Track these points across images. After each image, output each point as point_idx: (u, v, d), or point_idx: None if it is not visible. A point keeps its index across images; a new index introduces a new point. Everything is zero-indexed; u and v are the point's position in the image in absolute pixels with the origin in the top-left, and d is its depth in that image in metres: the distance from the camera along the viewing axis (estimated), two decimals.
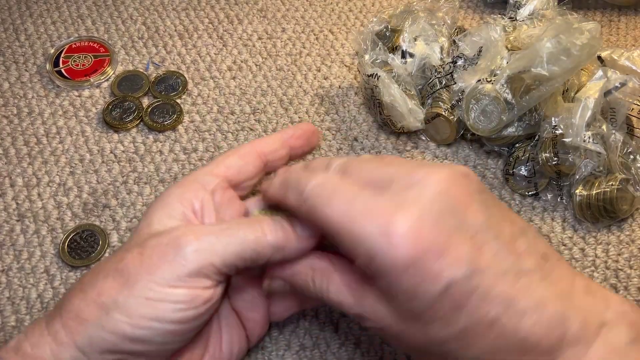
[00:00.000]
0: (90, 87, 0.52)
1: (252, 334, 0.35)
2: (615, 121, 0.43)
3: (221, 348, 0.33)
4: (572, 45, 0.40)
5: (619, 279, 0.41)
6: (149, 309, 0.28)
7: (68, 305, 0.29)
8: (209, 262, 0.29)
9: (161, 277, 0.28)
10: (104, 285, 0.29)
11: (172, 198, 0.32)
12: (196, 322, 0.30)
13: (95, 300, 0.28)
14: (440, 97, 0.46)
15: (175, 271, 0.28)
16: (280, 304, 0.35)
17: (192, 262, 0.28)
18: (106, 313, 0.28)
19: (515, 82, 0.42)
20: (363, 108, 0.51)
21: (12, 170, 0.46)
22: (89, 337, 0.28)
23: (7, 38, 0.56)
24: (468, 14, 0.60)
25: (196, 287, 0.29)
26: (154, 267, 0.28)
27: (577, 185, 0.42)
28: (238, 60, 0.55)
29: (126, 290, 0.28)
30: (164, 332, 0.28)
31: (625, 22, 0.59)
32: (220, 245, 0.29)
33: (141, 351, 0.29)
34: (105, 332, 0.28)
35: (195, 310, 0.29)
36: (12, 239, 0.43)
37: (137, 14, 0.59)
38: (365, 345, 0.37)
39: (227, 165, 0.34)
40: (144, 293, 0.28)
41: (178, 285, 0.28)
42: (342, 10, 0.60)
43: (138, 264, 0.29)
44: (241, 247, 0.30)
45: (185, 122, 0.50)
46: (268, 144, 0.35)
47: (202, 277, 0.29)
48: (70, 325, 0.28)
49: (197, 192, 0.32)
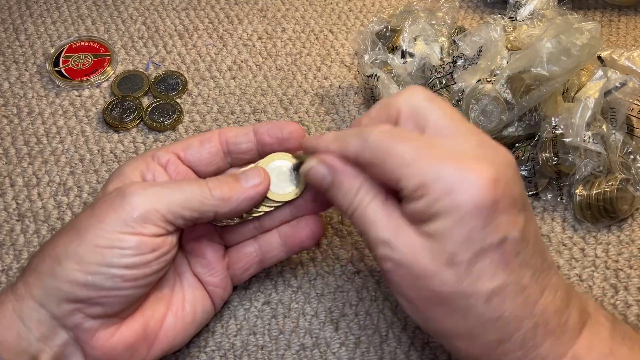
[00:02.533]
0: (90, 87, 0.52)
1: (215, 297, 0.36)
2: (615, 121, 0.43)
3: (184, 307, 0.35)
4: (572, 45, 0.40)
5: (619, 279, 0.41)
6: (98, 255, 0.29)
7: (28, 265, 0.31)
8: (153, 208, 0.30)
9: (109, 224, 0.30)
10: (58, 240, 0.31)
11: (126, 169, 0.34)
12: (145, 270, 0.31)
13: (50, 253, 0.30)
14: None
15: (121, 216, 0.30)
16: (238, 266, 0.36)
17: (137, 207, 0.30)
18: (59, 263, 0.29)
19: (515, 82, 0.42)
20: (363, 108, 0.51)
21: (12, 170, 0.46)
22: (44, 288, 0.30)
23: (7, 38, 0.56)
24: (468, 14, 0.60)
25: (143, 234, 0.30)
26: (102, 215, 0.30)
27: (577, 185, 0.42)
28: (238, 60, 0.55)
29: (77, 240, 0.30)
30: (113, 276, 0.29)
31: (625, 22, 0.59)
32: (165, 193, 0.31)
33: (94, 298, 0.30)
34: (59, 281, 0.29)
35: (143, 257, 0.30)
36: (12, 239, 0.43)
37: (137, 13, 0.59)
38: (365, 345, 0.38)
39: (185, 145, 0.36)
40: (94, 241, 0.29)
41: (125, 231, 0.30)
42: (342, 10, 0.60)
43: (89, 216, 0.31)
44: (184, 196, 0.31)
45: (186, 122, 0.50)
46: (234, 134, 0.36)
47: (148, 223, 0.30)
48: (28, 281, 0.30)
49: (150, 164, 0.34)
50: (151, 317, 0.33)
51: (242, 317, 0.39)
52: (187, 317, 0.35)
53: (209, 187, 0.32)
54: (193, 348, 0.37)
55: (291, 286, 0.40)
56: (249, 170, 0.34)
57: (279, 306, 0.39)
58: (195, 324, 0.35)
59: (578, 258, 0.42)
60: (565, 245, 0.42)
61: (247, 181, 0.33)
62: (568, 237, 0.43)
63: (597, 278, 0.41)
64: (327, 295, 0.40)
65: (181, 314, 0.34)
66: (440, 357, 0.37)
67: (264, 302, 0.39)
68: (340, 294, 0.40)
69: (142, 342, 0.32)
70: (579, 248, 0.42)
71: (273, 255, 0.37)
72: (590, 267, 0.41)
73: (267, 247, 0.36)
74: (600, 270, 0.41)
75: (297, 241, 0.36)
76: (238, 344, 0.38)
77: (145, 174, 0.34)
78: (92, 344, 0.30)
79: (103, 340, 0.31)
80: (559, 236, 0.43)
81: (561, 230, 0.43)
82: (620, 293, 0.40)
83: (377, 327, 0.38)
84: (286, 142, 0.36)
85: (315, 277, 0.41)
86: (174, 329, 0.34)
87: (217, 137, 0.36)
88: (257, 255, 0.36)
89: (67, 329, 0.30)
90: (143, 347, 0.33)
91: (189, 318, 0.35)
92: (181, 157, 0.36)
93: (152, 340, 0.33)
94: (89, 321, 0.30)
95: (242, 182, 0.33)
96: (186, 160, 0.36)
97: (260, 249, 0.36)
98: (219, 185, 0.33)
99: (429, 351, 0.37)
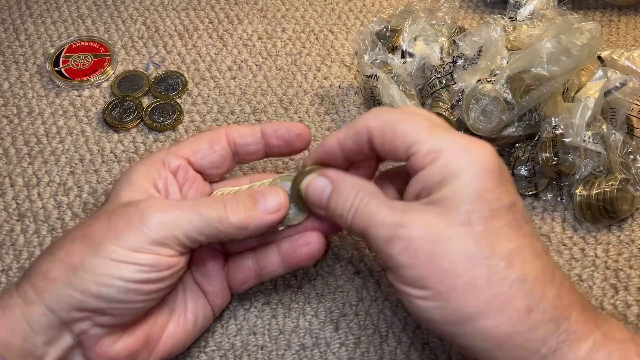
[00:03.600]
0: (90, 87, 0.52)
1: (214, 305, 0.36)
2: (615, 121, 0.43)
3: (186, 315, 0.35)
4: (572, 45, 0.40)
5: (619, 279, 0.41)
6: (113, 268, 0.29)
7: (36, 268, 0.30)
8: (171, 234, 0.30)
9: (125, 242, 0.30)
10: (71, 247, 0.30)
11: (137, 176, 0.34)
12: (158, 285, 0.31)
13: (63, 260, 0.30)
14: (440, 97, 0.46)
15: (139, 238, 0.30)
16: (237, 277, 0.36)
17: (156, 232, 0.30)
18: (73, 272, 0.29)
19: (515, 82, 0.42)
20: (363, 108, 0.51)
21: (12, 170, 0.46)
22: (57, 295, 0.29)
23: (7, 38, 0.56)
24: (468, 14, 0.60)
25: (159, 254, 0.30)
26: (119, 233, 0.30)
27: (577, 185, 0.42)
28: (238, 60, 0.55)
29: (92, 252, 0.29)
30: (126, 290, 0.29)
31: (625, 22, 0.59)
32: (184, 220, 0.31)
33: (105, 309, 0.30)
34: (72, 290, 0.29)
35: (158, 274, 0.30)
36: (12, 239, 0.43)
37: (137, 13, 0.59)
38: (365, 345, 0.38)
39: (194, 149, 0.36)
40: (109, 255, 0.29)
41: (142, 251, 0.30)
42: (342, 10, 0.60)
43: (105, 229, 0.30)
44: (204, 223, 0.31)
45: (186, 122, 0.50)
46: (241, 135, 0.36)
47: (164, 247, 0.30)
48: (38, 286, 0.30)
49: (160, 171, 0.34)
50: (154, 324, 0.33)
51: (242, 317, 0.39)
52: (188, 325, 0.35)
53: (227, 212, 0.31)
54: (193, 348, 0.37)
55: (291, 286, 0.40)
56: (268, 192, 0.33)
57: (279, 306, 0.39)
58: (195, 331, 0.35)
59: (578, 258, 0.42)
60: (565, 245, 0.42)
61: (266, 205, 0.33)
62: (568, 237, 0.43)
63: (597, 278, 0.41)
64: (327, 295, 0.40)
65: (183, 321, 0.34)
66: (440, 357, 0.37)
67: (264, 302, 0.39)
68: (340, 294, 0.40)
69: (144, 349, 0.32)
70: (579, 248, 0.42)
71: (272, 271, 0.36)
72: (590, 267, 0.41)
73: (265, 263, 0.36)
74: (600, 270, 0.41)
75: (295, 260, 0.35)
76: (238, 344, 0.38)
77: (157, 182, 0.34)
78: (95, 350, 0.30)
79: (106, 347, 0.31)
80: (559, 236, 0.43)
81: (561, 230, 0.43)
82: (620, 293, 0.40)
83: (377, 327, 0.38)
84: (293, 145, 0.36)
85: (315, 277, 0.41)
86: (175, 336, 0.34)
87: (225, 137, 0.36)
88: (254, 270, 0.36)
89: (73, 334, 0.30)
90: (144, 354, 0.33)
91: (190, 325, 0.35)
92: (191, 162, 0.36)
93: (153, 347, 0.33)
94: (96, 329, 0.30)
95: (260, 206, 0.32)
96: (196, 164, 0.36)
97: (258, 264, 0.36)
98: (237, 209, 0.32)
99: (429, 351, 0.37)
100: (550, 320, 0.26)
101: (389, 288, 0.40)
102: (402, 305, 0.39)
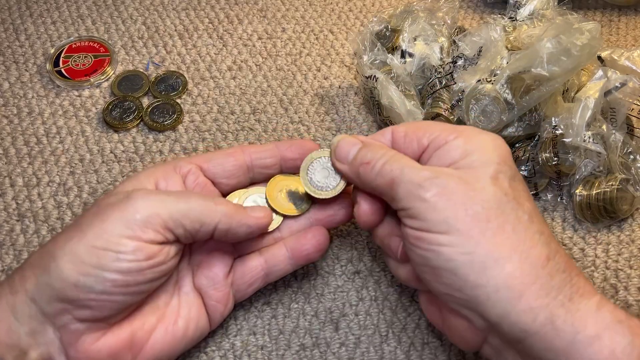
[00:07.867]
0: (90, 87, 0.52)
1: (215, 313, 0.36)
2: (615, 121, 0.43)
3: (176, 321, 0.34)
4: (572, 45, 0.40)
5: (619, 279, 0.41)
6: (92, 257, 0.29)
7: (27, 259, 0.32)
8: (155, 212, 0.31)
9: (111, 223, 0.30)
10: (60, 237, 0.31)
11: (142, 175, 0.35)
12: (138, 277, 0.31)
13: (48, 250, 0.31)
14: (440, 97, 0.46)
15: (124, 216, 0.30)
16: (243, 281, 0.36)
17: (139, 210, 0.30)
18: (54, 260, 0.30)
19: (515, 82, 0.42)
20: (363, 108, 0.51)
21: (12, 170, 0.46)
22: (37, 284, 0.30)
23: (7, 38, 0.56)
24: (468, 14, 0.60)
25: (141, 239, 0.30)
26: (106, 215, 0.31)
27: (577, 185, 0.42)
28: (238, 60, 0.55)
29: (77, 237, 0.30)
30: (104, 280, 0.29)
31: (625, 22, 0.59)
32: (169, 200, 0.32)
33: (83, 300, 0.30)
34: (52, 279, 0.29)
35: (137, 264, 0.30)
36: (12, 239, 0.43)
37: (137, 14, 0.59)
38: (365, 345, 0.38)
39: (208, 157, 0.37)
40: (92, 241, 0.30)
41: (125, 234, 0.30)
42: (342, 10, 0.60)
43: (93, 214, 0.31)
44: (188, 205, 0.32)
45: (185, 122, 0.50)
46: (257, 149, 0.37)
47: (148, 228, 0.30)
48: (24, 275, 0.30)
49: (167, 172, 0.35)
50: (140, 327, 0.33)
51: (242, 317, 0.39)
52: (177, 332, 0.34)
53: (215, 202, 0.33)
54: (193, 348, 0.37)
55: (291, 286, 0.40)
56: (256, 207, 0.36)
57: (279, 306, 0.39)
58: (185, 340, 0.35)
59: (578, 258, 0.42)
60: (565, 245, 0.42)
61: (253, 212, 0.34)
62: (568, 237, 0.43)
63: (597, 278, 0.41)
64: (327, 295, 0.40)
65: (172, 328, 0.34)
66: (440, 357, 0.37)
67: (264, 302, 0.39)
68: (340, 294, 0.40)
69: (127, 351, 0.32)
70: (579, 248, 0.42)
71: (280, 269, 0.37)
72: (590, 267, 0.41)
73: (273, 261, 0.36)
74: (600, 270, 0.41)
75: (304, 253, 0.36)
76: (238, 344, 0.38)
77: (160, 182, 0.35)
78: (76, 347, 0.30)
79: (87, 344, 0.31)
80: (559, 236, 0.43)
81: (561, 230, 0.43)
82: (620, 293, 0.40)
83: (377, 327, 0.38)
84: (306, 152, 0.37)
85: (315, 277, 0.41)
86: (162, 342, 0.34)
87: (241, 151, 0.37)
88: (262, 269, 0.36)
89: (55, 329, 0.30)
90: (127, 356, 0.32)
91: (180, 333, 0.34)
92: (203, 168, 0.36)
93: (137, 351, 0.33)
94: (76, 323, 0.30)
95: (247, 211, 0.34)
96: (209, 171, 0.36)
97: (267, 263, 0.36)
98: (226, 203, 0.33)
99: (429, 351, 0.37)
100: (564, 272, 0.28)
101: (388, 288, 0.40)
102: (402, 305, 0.39)
